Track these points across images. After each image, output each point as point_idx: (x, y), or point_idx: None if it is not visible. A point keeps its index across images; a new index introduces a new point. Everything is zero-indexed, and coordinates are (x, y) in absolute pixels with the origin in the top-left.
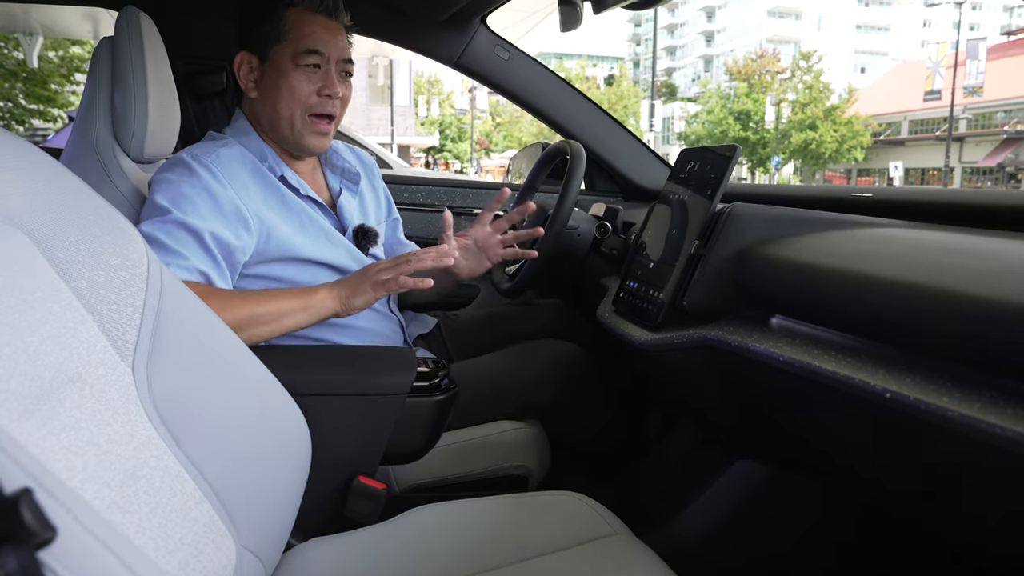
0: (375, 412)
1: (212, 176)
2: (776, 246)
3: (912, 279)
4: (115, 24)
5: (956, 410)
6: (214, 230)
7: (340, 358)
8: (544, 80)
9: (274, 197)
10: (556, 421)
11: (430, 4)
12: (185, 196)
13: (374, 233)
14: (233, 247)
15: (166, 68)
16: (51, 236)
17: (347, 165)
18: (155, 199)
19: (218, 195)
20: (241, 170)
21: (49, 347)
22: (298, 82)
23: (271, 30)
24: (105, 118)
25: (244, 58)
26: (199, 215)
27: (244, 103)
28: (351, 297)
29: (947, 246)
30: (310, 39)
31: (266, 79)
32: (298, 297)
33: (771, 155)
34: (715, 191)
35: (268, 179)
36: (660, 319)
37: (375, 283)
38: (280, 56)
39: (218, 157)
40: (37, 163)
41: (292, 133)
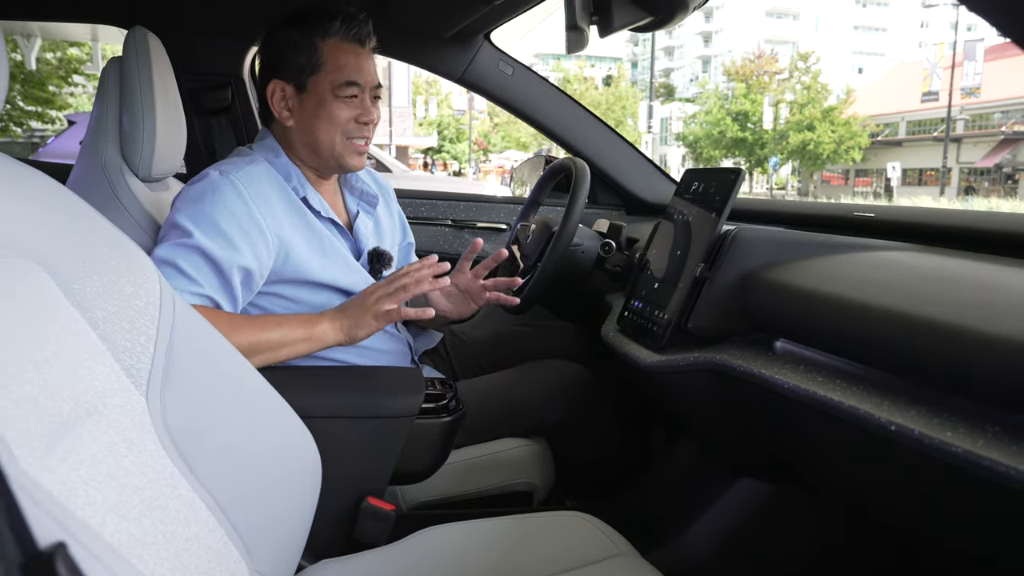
0: (384, 434)
1: (238, 194)
2: (780, 271)
3: (916, 311)
4: (123, 45)
5: (960, 446)
6: (236, 256)
7: (349, 380)
8: (547, 95)
9: (297, 217)
10: (561, 439)
11: (435, 21)
12: (208, 216)
13: (388, 257)
14: (252, 271)
15: (173, 87)
16: (67, 268)
17: (366, 187)
18: (178, 218)
19: (242, 214)
20: (268, 188)
21: (67, 380)
22: (338, 111)
23: (306, 61)
24: (113, 139)
25: (277, 86)
26: (221, 237)
27: (275, 126)
28: (354, 328)
29: (950, 275)
30: (347, 70)
31: (304, 108)
32: (301, 327)
33: (769, 156)
34: (720, 213)
35: (292, 199)
36: (665, 341)
37: (377, 314)
38: (318, 86)
39: (247, 174)
40: (51, 194)
41: (332, 156)
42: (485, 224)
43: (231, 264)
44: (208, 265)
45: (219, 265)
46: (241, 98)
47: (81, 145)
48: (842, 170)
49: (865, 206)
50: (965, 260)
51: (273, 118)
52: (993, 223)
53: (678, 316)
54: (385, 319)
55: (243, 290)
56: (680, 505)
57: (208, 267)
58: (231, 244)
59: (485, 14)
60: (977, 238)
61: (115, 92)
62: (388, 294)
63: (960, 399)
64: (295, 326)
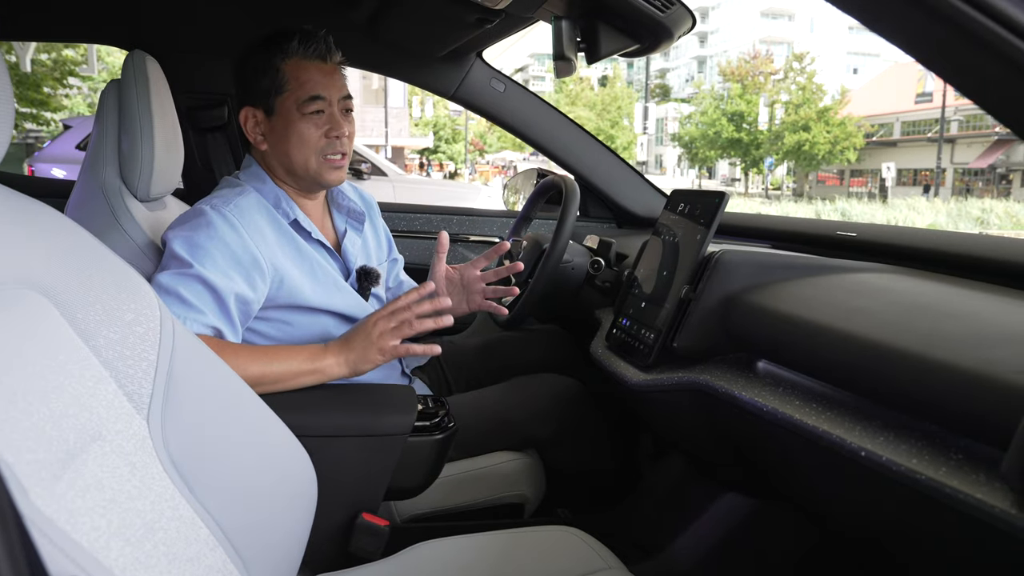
0: (378, 452)
1: (230, 226)
2: (762, 294)
3: (889, 341)
4: (122, 68)
5: (924, 474)
6: (232, 284)
7: (344, 400)
8: (538, 111)
9: (288, 244)
10: (552, 452)
11: (429, 42)
12: (203, 248)
13: (376, 274)
14: (249, 300)
15: (171, 108)
16: (71, 298)
17: (352, 205)
18: (175, 249)
19: (236, 245)
20: (258, 218)
21: (72, 408)
22: (306, 129)
23: (270, 83)
24: (112, 161)
25: (248, 113)
26: (218, 268)
27: (254, 151)
28: (360, 363)
29: (923, 304)
30: (309, 86)
31: (274, 130)
32: (307, 361)
33: (764, 156)
34: (705, 236)
35: (282, 226)
36: (651, 360)
37: (382, 349)
38: (284, 107)
39: (236, 206)
40: (55, 226)
41: (309, 175)
42: (478, 237)
43: (228, 292)
44: (208, 293)
45: (218, 293)
46: (237, 115)
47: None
48: (837, 170)
49: (848, 224)
50: (940, 285)
51: (251, 144)
52: (967, 247)
53: (664, 335)
54: (391, 354)
55: (241, 317)
56: (667, 518)
57: (208, 295)
58: (227, 274)
59: (477, 35)
60: (953, 262)
61: (114, 115)
62: (391, 329)
63: (927, 425)
64: (301, 360)
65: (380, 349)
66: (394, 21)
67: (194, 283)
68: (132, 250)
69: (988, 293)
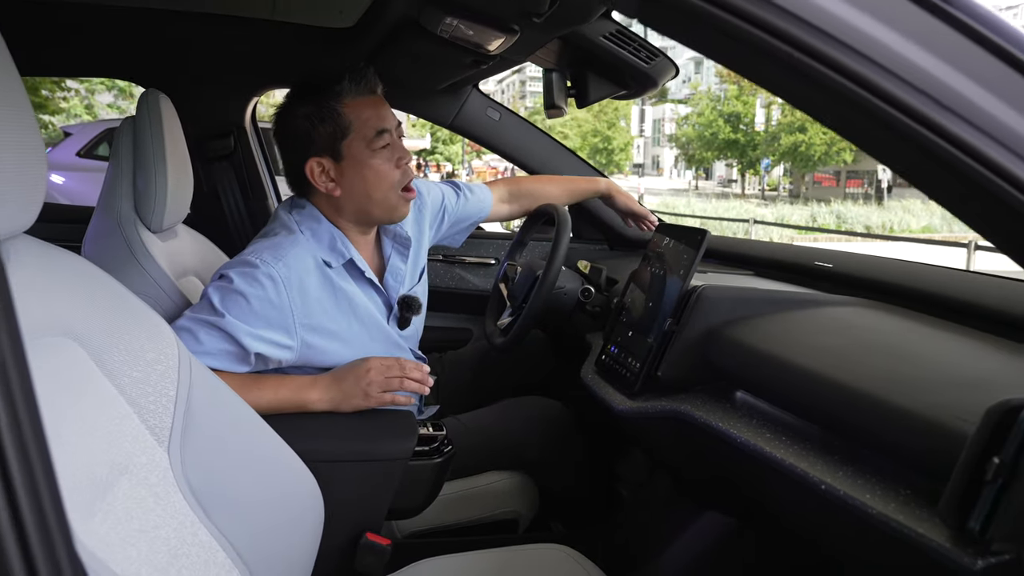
0: (381, 475)
1: (275, 287)
2: (741, 328)
3: (851, 382)
4: (136, 106)
5: (875, 508)
6: (256, 344)
7: (348, 426)
8: (533, 138)
9: (329, 298)
10: (542, 473)
11: (427, 79)
12: (238, 304)
13: (417, 304)
14: (268, 359)
15: (182, 142)
16: (97, 341)
17: (399, 230)
18: (212, 297)
19: (270, 309)
20: (306, 277)
21: (103, 445)
22: (380, 164)
23: (334, 129)
24: (127, 196)
25: (315, 164)
26: (247, 326)
27: (314, 196)
28: (342, 403)
29: (886, 344)
30: (373, 121)
31: (347, 174)
32: (294, 392)
33: (761, 157)
34: (687, 272)
35: (326, 276)
36: (637, 388)
37: (368, 395)
38: (352, 149)
39: (286, 265)
40: (77, 271)
41: (387, 211)
42: (475, 259)
43: (252, 349)
44: (231, 346)
45: (242, 346)
46: (243, 145)
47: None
48: (833, 171)
49: (826, 255)
50: (903, 322)
51: (314, 190)
52: (936, 285)
53: (648, 365)
54: (375, 402)
55: (259, 365)
56: (653, 536)
57: (231, 347)
58: (255, 335)
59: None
60: (921, 298)
61: (128, 152)
62: (386, 379)
63: (882, 459)
64: (288, 393)
65: (366, 395)
66: (393, 60)
67: (218, 333)
68: (147, 283)
69: (948, 333)
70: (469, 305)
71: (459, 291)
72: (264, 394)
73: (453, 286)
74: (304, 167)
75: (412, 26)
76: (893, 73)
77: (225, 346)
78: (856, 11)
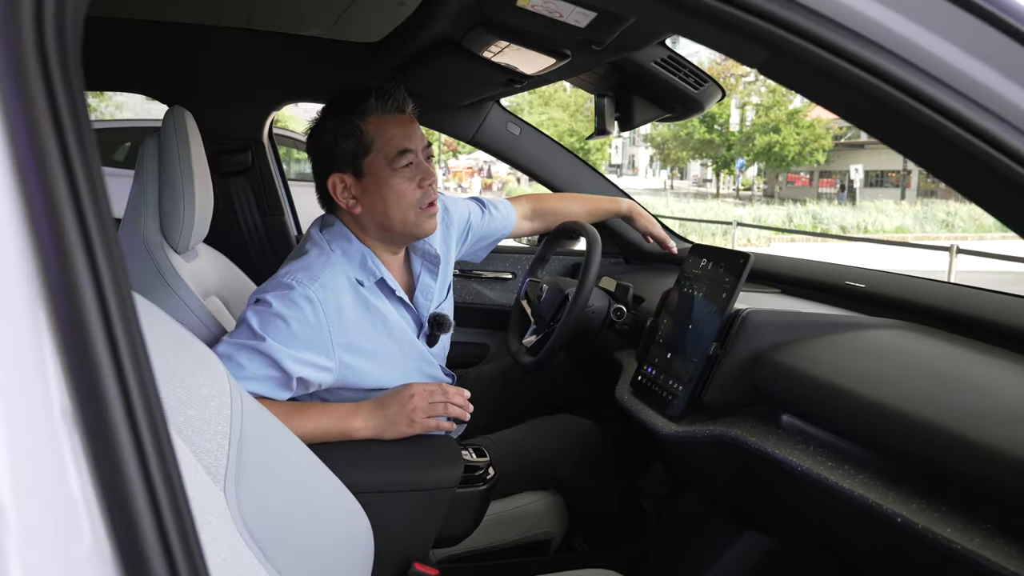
0: (428, 504)
1: (312, 308)
2: (788, 352)
3: (915, 413)
4: (162, 124)
5: (959, 543)
6: (297, 367)
7: (395, 455)
8: (551, 152)
9: (364, 317)
10: (574, 492)
11: (455, 94)
12: (278, 327)
13: (448, 323)
14: (308, 383)
15: (204, 160)
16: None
17: (428, 248)
18: (251, 321)
19: (309, 331)
20: (341, 294)
21: None
22: (400, 184)
23: (356, 146)
24: (153, 216)
25: (336, 179)
26: (289, 348)
27: (340, 213)
28: (386, 431)
29: (944, 373)
30: (396, 141)
31: (367, 192)
32: (338, 421)
33: (736, 157)
34: (730, 295)
35: (360, 295)
36: (681, 411)
37: (413, 422)
38: (374, 166)
39: (321, 286)
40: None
41: (408, 229)
42: (491, 274)
43: (294, 373)
44: (274, 370)
45: (284, 370)
46: (260, 160)
47: (121, 221)
48: (807, 172)
49: (855, 274)
50: (951, 347)
51: (338, 207)
52: (969, 306)
53: (693, 389)
54: (420, 428)
55: (300, 390)
56: (695, 557)
57: (274, 372)
58: (296, 356)
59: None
60: (957, 320)
61: (154, 170)
62: (430, 405)
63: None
64: (331, 419)
65: (411, 421)
66: (420, 76)
67: (260, 358)
68: (179, 307)
69: (995, 358)
70: (486, 320)
71: (476, 305)
72: (308, 423)
73: (470, 300)
74: (327, 182)
75: (449, 45)
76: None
77: (268, 371)
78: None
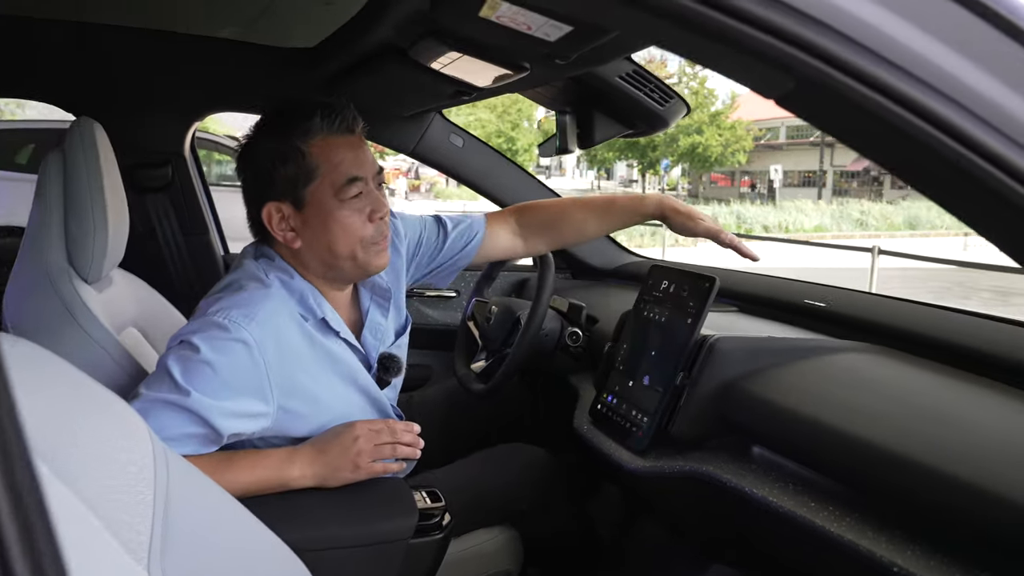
0: (380, 560)
1: (249, 353)
2: (758, 382)
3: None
4: (67, 138)
5: None
6: (230, 424)
7: (339, 505)
8: (496, 165)
9: (305, 355)
10: (529, 525)
11: (396, 106)
12: (206, 377)
13: (398, 366)
14: (241, 435)
15: (117, 177)
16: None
17: (378, 280)
18: (173, 370)
19: (244, 377)
20: (283, 333)
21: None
22: (347, 217)
23: (297, 172)
24: (58, 243)
25: (272, 209)
26: (218, 401)
27: (277, 246)
28: (328, 478)
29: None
30: (344, 167)
31: (309, 225)
32: (273, 470)
33: (661, 158)
34: (696, 321)
35: (305, 331)
36: (646, 444)
37: (357, 466)
38: (318, 196)
39: (259, 325)
40: (32, 364)
41: (356, 266)
42: (434, 292)
43: (225, 430)
44: (200, 427)
45: (213, 427)
46: (181, 174)
47: (20, 248)
48: (729, 172)
49: (814, 291)
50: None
51: (274, 239)
52: (937, 330)
53: (659, 421)
54: (365, 473)
55: (231, 440)
56: None
57: (199, 428)
58: (229, 410)
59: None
60: (927, 343)
61: (58, 190)
62: (376, 447)
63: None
64: (267, 472)
65: (355, 467)
66: (364, 86)
67: (184, 415)
68: (88, 346)
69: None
70: (429, 340)
71: (418, 325)
72: (240, 476)
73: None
74: (261, 211)
75: (393, 53)
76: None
77: (193, 429)
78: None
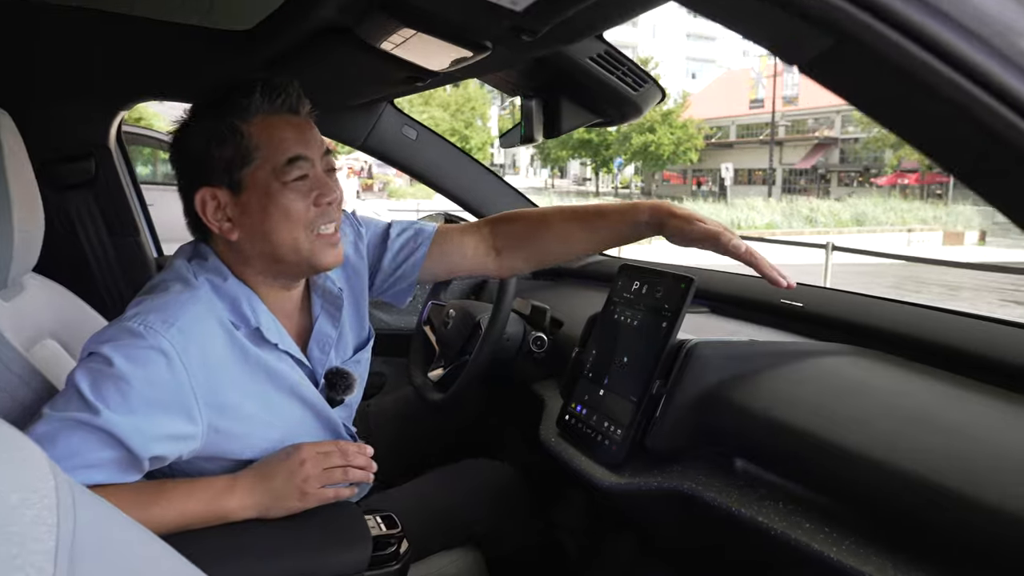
0: None
1: (168, 364)
2: (739, 390)
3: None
4: None
5: None
6: (149, 447)
7: (284, 537)
8: (450, 158)
9: (239, 369)
10: (493, 543)
11: (344, 94)
12: (119, 392)
13: (350, 380)
14: (164, 459)
15: (29, 173)
16: None
17: (329, 285)
18: (81, 385)
19: (163, 392)
20: (209, 343)
21: None
22: (290, 201)
23: (233, 153)
24: None
25: (207, 195)
26: (134, 419)
27: (214, 242)
28: (272, 508)
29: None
30: (285, 146)
31: (247, 212)
32: (208, 507)
33: (614, 156)
34: (672, 324)
35: (238, 345)
36: (621, 458)
37: (304, 494)
38: (257, 179)
39: (180, 331)
40: None
41: (301, 259)
42: None
43: (144, 453)
44: (114, 449)
45: (130, 449)
46: (106, 168)
47: None
48: (680, 170)
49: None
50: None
51: (210, 232)
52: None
53: (635, 433)
54: (314, 501)
55: (154, 465)
56: None
57: (114, 452)
58: (147, 431)
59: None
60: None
61: None
62: (325, 472)
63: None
64: (200, 505)
65: (303, 494)
66: (307, 71)
67: (96, 437)
68: None
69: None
70: (381, 346)
71: None
72: (168, 511)
73: None
74: (194, 198)
75: (336, 33)
76: None
77: (107, 453)
78: None
